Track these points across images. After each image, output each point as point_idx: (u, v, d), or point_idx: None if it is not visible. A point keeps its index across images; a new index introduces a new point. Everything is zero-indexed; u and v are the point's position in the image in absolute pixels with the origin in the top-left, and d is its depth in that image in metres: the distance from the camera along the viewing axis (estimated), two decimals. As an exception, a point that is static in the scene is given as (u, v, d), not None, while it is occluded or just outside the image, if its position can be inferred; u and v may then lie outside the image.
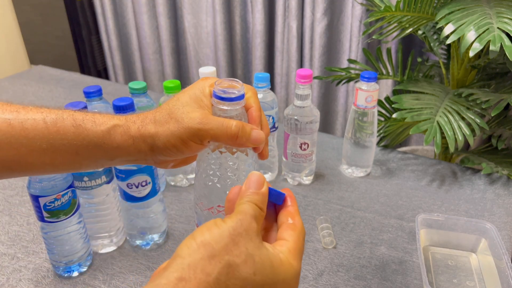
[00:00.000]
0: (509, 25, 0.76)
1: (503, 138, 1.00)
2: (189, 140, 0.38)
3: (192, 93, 0.40)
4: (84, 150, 0.37)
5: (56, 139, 0.36)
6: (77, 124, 0.37)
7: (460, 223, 0.69)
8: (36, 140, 0.36)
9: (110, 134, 0.38)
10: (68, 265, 0.62)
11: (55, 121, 0.36)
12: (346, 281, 0.63)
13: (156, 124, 0.39)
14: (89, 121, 0.38)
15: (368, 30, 1.03)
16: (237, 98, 0.38)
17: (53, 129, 0.36)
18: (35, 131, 0.35)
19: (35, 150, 0.36)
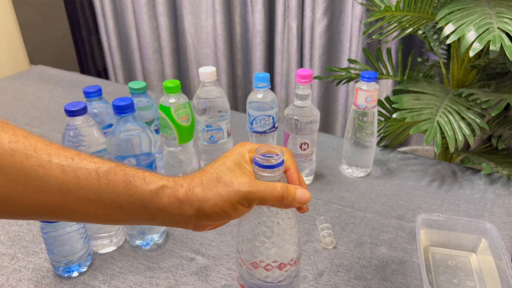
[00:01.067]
0: (509, 25, 0.76)
1: (503, 138, 1.00)
2: (238, 203, 0.39)
3: (235, 159, 0.42)
4: (129, 206, 0.38)
5: (104, 191, 0.37)
6: (128, 179, 0.37)
7: (460, 223, 0.69)
8: (86, 189, 0.36)
9: (158, 194, 0.38)
10: (68, 265, 0.62)
11: (107, 173, 0.37)
12: (346, 281, 0.63)
13: (204, 188, 0.39)
14: (140, 178, 0.38)
15: (368, 30, 1.03)
16: (278, 165, 0.41)
17: (104, 182, 0.36)
18: (86, 181, 0.36)
19: (82, 199, 0.36)
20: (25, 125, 1.08)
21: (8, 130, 0.34)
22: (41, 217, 0.38)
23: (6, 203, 0.34)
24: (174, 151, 0.82)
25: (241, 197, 0.39)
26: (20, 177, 0.33)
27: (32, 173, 0.34)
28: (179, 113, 0.77)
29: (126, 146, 0.61)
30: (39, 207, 0.35)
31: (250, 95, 0.79)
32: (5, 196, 0.33)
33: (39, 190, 0.34)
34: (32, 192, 0.34)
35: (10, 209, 0.35)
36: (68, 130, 0.60)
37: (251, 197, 0.40)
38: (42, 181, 0.34)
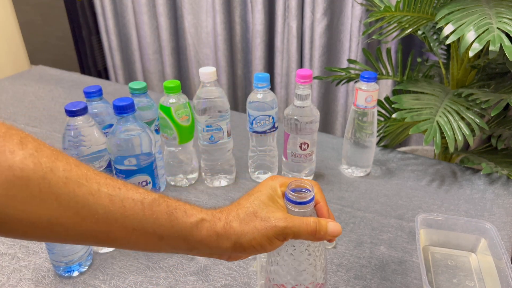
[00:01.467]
0: (508, 25, 0.76)
1: (502, 138, 1.00)
2: (274, 238, 0.42)
3: (268, 194, 0.44)
4: (169, 237, 0.40)
5: (148, 221, 0.38)
6: (170, 211, 0.39)
7: (459, 223, 0.69)
8: (131, 219, 0.38)
9: (197, 227, 0.40)
10: (69, 265, 0.62)
11: (151, 204, 0.39)
12: (346, 281, 0.63)
13: (242, 223, 0.42)
14: (181, 210, 0.40)
15: (368, 30, 1.04)
16: (309, 201, 0.44)
17: (148, 212, 0.38)
18: (132, 211, 0.38)
19: (127, 228, 0.38)
20: (26, 125, 1.08)
21: (62, 159, 0.36)
22: (87, 242, 0.39)
23: (57, 228, 0.35)
24: (174, 151, 0.82)
25: (278, 232, 0.41)
26: (72, 204, 0.35)
27: (83, 201, 0.36)
28: (179, 113, 0.77)
29: (127, 146, 0.61)
30: (86, 233, 0.37)
31: (250, 95, 0.79)
32: (57, 221, 0.35)
33: (88, 218, 0.36)
34: (81, 219, 0.36)
35: (59, 233, 0.36)
36: (69, 130, 0.60)
37: (287, 232, 0.42)
38: (91, 209, 0.36)
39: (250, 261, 0.66)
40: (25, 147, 0.34)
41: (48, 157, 0.35)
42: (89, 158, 0.61)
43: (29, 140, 0.35)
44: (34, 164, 0.34)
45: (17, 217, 0.34)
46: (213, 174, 0.85)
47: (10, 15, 2.10)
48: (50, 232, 0.36)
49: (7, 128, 0.34)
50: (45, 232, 0.36)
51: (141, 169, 0.62)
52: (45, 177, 0.34)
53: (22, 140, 0.34)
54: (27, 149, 0.34)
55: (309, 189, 0.44)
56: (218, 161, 0.83)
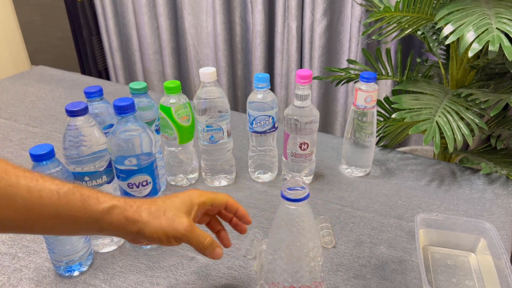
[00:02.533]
0: (508, 26, 0.76)
1: (502, 138, 1.00)
2: (172, 237, 0.48)
3: (184, 201, 0.50)
4: (83, 221, 0.45)
5: (64, 209, 0.43)
6: (84, 199, 0.44)
7: (459, 223, 0.69)
8: (48, 207, 0.42)
9: (108, 212, 0.45)
10: (69, 264, 0.63)
11: (67, 193, 0.43)
12: (345, 280, 0.63)
13: (150, 215, 0.47)
14: (94, 198, 0.45)
15: (367, 30, 1.04)
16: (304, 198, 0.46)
17: (64, 201, 0.43)
18: (49, 200, 0.42)
19: (44, 215, 0.42)
20: (26, 125, 1.08)
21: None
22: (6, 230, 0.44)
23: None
24: (175, 151, 0.83)
25: (176, 235, 0.48)
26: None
27: (3, 192, 0.40)
28: (179, 113, 0.77)
29: (127, 146, 0.61)
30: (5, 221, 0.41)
31: (250, 95, 0.80)
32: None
33: (8, 207, 0.40)
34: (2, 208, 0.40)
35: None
36: (69, 130, 0.60)
37: (183, 239, 0.48)
38: (10, 199, 0.40)
39: (250, 261, 0.67)
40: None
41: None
42: (89, 158, 0.61)
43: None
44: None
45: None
46: (213, 174, 0.85)
47: (11, 16, 2.10)
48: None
49: None
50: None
51: (141, 169, 0.62)
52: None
53: None
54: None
55: (304, 187, 0.46)
56: (218, 161, 0.83)
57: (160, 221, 0.47)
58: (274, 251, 0.49)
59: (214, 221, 0.58)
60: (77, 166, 0.61)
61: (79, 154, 0.60)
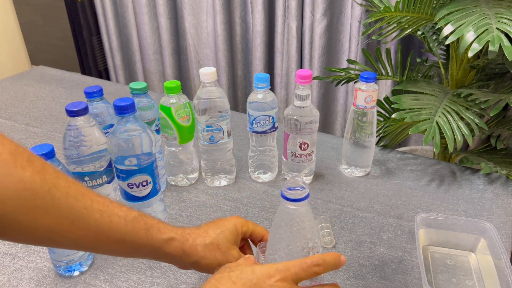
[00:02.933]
0: (508, 26, 0.76)
1: (502, 138, 1.00)
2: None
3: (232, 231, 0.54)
4: (144, 248, 0.48)
5: (129, 235, 0.46)
6: (147, 228, 0.48)
7: (459, 223, 0.69)
8: (115, 232, 0.45)
9: (167, 243, 0.49)
10: (69, 264, 0.63)
11: (133, 221, 0.47)
12: (345, 280, 0.63)
13: (205, 249, 0.51)
14: (156, 228, 0.49)
15: (367, 30, 1.04)
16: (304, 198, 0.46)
17: (130, 228, 0.46)
18: (117, 226, 0.45)
19: (111, 238, 0.45)
20: (27, 125, 1.08)
21: (62, 177, 0.42)
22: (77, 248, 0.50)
23: (55, 234, 0.42)
24: (175, 151, 0.83)
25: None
26: (70, 215, 0.42)
27: (79, 213, 0.43)
28: (179, 113, 0.77)
29: (127, 146, 0.61)
30: (78, 241, 0.44)
31: (250, 95, 0.80)
32: (55, 228, 0.42)
33: (81, 227, 0.43)
34: (75, 228, 0.43)
35: (56, 240, 0.43)
36: (69, 130, 0.61)
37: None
38: (85, 221, 0.43)
39: (250, 261, 0.67)
40: (33, 164, 0.40)
41: (52, 175, 0.41)
42: (89, 158, 0.61)
43: (35, 158, 0.41)
44: (40, 179, 0.40)
45: (24, 224, 0.39)
46: (213, 174, 0.85)
47: (11, 16, 2.10)
48: (48, 238, 0.42)
49: (16, 146, 0.40)
50: (44, 237, 0.42)
51: (141, 169, 0.62)
52: (49, 191, 0.40)
53: (30, 158, 0.40)
54: (35, 166, 0.40)
55: (304, 187, 0.46)
56: (218, 161, 0.83)
57: (215, 254, 0.51)
58: (274, 251, 0.49)
59: (246, 246, 0.60)
60: (77, 166, 0.61)
61: (79, 154, 0.61)
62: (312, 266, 0.44)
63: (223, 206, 0.79)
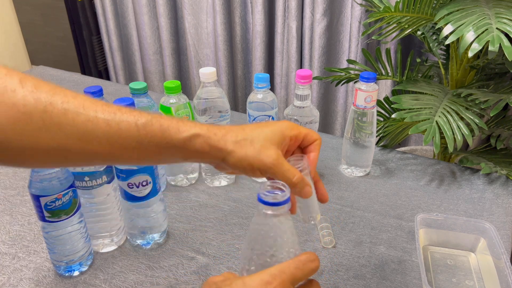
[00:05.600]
0: (508, 26, 0.76)
1: (502, 138, 1.00)
2: (257, 169, 0.45)
3: (274, 131, 0.46)
4: (166, 151, 0.44)
5: (144, 140, 0.42)
6: (163, 130, 0.43)
7: (459, 223, 0.69)
8: (128, 139, 0.42)
9: (190, 141, 0.44)
10: (69, 264, 0.63)
11: (145, 125, 0.42)
12: (345, 280, 0.64)
13: (236, 144, 0.45)
14: (174, 128, 0.43)
15: (367, 30, 1.04)
16: (284, 202, 0.42)
17: (143, 132, 0.42)
18: (128, 132, 0.41)
19: (126, 147, 0.42)
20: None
21: (60, 93, 0.39)
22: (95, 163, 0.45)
23: (66, 153, 0.40)
24: (175, 151, 0.83)
25: (261, 167, 0.44)
26: (74, 132, 0.39)
27: (83, 128, 0.39)
28: (179, 113, 0.77)
29: (127, 146, 0.61)
30: (92, 156, 0.41)
31: (250, 95, 0.80)
32: (64, 148, 0.39)
33: (90, 142, 0.40)
34: (84, 144, 0.40)
35: (69, 158, 0.41)
36: (69, 130, 0.60)
37: (270, 172, 0.45)
38: (91, 134, 0.40)
39: (250, 261, 0.67)
40: (25, 85, 0.37)
41: (47, 92, 0.38)
42: (89, 158, 0.61)
43: (28, 79, 0.38)
44: (34, 99, 0.37)
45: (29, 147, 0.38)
46: (213, 174, 0.85)
47: (11, 16, 2.10)
48: (61, 157, 0.40)
49: (7, 70, 0.37)
50: (56, 158, 0.40)
51: (141, 169, 0.62)
52: (45, 111, 0.38)
53: (21, 80, 0.38)
54: (27, 87, 0.37)
55: (283, 190, 0.42)
56: (218, 161, 0.83)
57: (246, 151, 0.45)
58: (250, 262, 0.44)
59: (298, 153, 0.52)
60: (77, 166, 0.61)
61: (79, 154, 0.61)
62: (308, 262, 0.40)
63: (223, 206, 0.79)
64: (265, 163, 0.44)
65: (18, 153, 0.38)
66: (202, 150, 0.44)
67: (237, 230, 0.73)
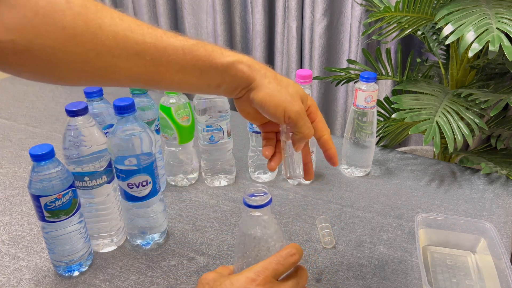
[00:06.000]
0: (508, 26, 0.76)
1: (502, 138, 1.00)
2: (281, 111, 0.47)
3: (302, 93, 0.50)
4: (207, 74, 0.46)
5: (189, 63, 0.44)
6: (208, 53, 0.45)
7: (459, 223, 0.69)
8: (173, 63, 0.44)
9: (233, 65, 0.46)
10: (69, 264, 0.63)
11: (191, 49, 0.44)
12: (345, 280, 0.63)
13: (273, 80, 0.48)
14: (218, 52, 0.46)
15: (367, 30, 1.04)
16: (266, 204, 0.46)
17: (189, 56, 0.44)
18: (174, 56, 0.43)
19: (171, 70, 0.44)
20: (26, 125, 1.08)
21: (107, 15, 0.40)
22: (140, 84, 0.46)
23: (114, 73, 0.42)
24: (175, 151, 0.83)
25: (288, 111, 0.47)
26: (123, 54, 0.41)
27: (132, 50, 0.41)
28: (179, 113, 0.77)
29: (127, 146, 0.61)
30: (139, 76, 0.44)
31: (250, 95, 0.79)
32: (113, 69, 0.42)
33: (138, 63, 0.42)
34: (132, 65, 0.42)
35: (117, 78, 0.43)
36: (69, 130, 0.60)
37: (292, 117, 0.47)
38: (139, 56, 0.42)
39: (250, 261, 0.67)
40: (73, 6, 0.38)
41: (95, 14, 0.39)
42: (89, 158, 0.61)
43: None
44: (83, 22, 0.38)
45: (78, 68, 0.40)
46: (213, 174, 0.85)
47: (11, 16, 2.09)
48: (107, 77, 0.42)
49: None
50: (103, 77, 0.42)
51: (141, 169, 0.62)
52: (95, 34, 0.39)
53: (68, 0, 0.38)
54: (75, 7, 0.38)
55: (266, 192, 0.46)
56: (218, 161, 0.83)
57: (279, 90, 0.47)
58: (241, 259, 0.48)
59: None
60: (77, 166, 0.61)
61: (79, 154, 0.60)
62: (288, 257, 0.44)
63: (223, 206, 0.79)
64: (294, 109, 0.47)
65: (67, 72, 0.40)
66: (241, 74, 0.47)
67: (237, 230, 0.73)
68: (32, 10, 0.37)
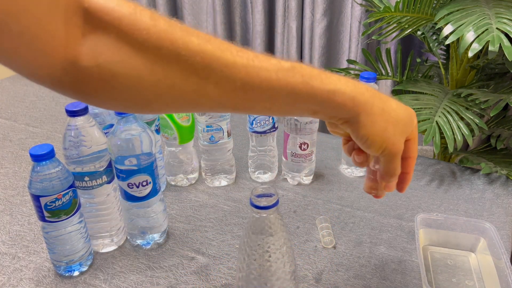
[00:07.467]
0: (508, 26, 0.76)
1: (502, 138, 1.00)
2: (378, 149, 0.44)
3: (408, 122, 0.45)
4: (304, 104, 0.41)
5: (283, 91, 0.40)
6: (305, 81, 0.40)
7: (459, 223, 0.69)
8: (265, 90, 0.39)
9: (334, 94, 0.41)
10: (69, 264, 0.63)
11: (286, 75, 0.39)
12: (345, 280, 0.63)
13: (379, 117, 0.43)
14: (317, 80, 0.41)
15: (367, 30, 1.04)
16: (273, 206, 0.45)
17: (283, 83, 0.39)
18: (267, 82, 0.39)
19: (262, 96, 0.39)
20: (26, 126, 1.08)
21: (193, 34, 0.37)
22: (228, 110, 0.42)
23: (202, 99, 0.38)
24: (175, 151, 0.83)
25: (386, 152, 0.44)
26: (212, 77, 0.37)
27: (221, 73, 0.37)
28: (179, 113, 0.77)
29: (127, 146, 0.61)
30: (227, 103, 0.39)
31: (250, 95, 0.80)
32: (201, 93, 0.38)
33: (226, 89, 0.38)
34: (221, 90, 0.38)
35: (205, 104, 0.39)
36: (69, 130, 0.60)
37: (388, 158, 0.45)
38: (229, 80, 0.37)
39: (250, 261, 0.67)
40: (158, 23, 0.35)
41: (182, 32, 0.36)
42: (89, 158, 0.61)
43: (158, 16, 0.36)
44: (170, 41, 0.35)
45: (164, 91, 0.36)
46: (213, 174, 0.85)
47: (11, 16, 2.09)
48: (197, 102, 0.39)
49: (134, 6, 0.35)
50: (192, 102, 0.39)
51: (141, 169, 0.62)
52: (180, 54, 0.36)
53: (152, 16, 0.35)
54: (160, 25, 0.35)
55: (273, 194, 0.46)
56: (218, 161, 0.83)
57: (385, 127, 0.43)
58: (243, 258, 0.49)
59: None
60: (77, 166, 0.61)
61: (79, 154, 0.61)
62: None
63: (223, 206, 0.79)
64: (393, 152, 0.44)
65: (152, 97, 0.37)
66: (343, 107, 0.42)
67: (237, 230, 0.73)
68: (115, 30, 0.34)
